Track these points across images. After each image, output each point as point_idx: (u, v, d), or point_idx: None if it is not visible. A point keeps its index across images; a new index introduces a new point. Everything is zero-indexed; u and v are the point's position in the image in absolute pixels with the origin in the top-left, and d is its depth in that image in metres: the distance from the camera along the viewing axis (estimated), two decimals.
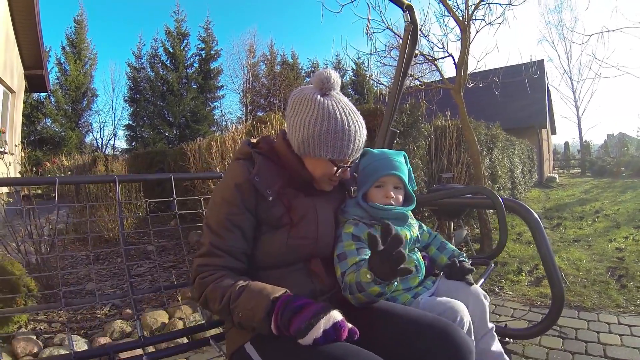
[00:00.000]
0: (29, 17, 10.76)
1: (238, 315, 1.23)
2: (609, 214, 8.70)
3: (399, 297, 1.67)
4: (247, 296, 1.23)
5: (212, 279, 1.32)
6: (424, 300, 1.63)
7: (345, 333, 1.15)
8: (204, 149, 6.68)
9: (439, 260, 1.90)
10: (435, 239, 1.98)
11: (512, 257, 5.30)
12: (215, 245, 1.37)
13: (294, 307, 1.16)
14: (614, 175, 22.30)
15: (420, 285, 1.74)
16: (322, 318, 1.14)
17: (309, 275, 1.48)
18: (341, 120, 1.41)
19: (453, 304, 1.53)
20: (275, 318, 1.17)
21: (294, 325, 1.13)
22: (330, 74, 1.46)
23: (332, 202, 1.66)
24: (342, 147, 1.42)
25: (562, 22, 33.46)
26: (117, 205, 2.08)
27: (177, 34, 31.66)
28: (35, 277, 3.30)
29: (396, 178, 1.71)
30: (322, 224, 1.53)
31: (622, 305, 3.47)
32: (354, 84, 37.62)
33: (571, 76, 33.00)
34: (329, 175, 1.50)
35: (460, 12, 5.54)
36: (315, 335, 1.12)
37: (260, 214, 1.43)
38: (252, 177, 1.41)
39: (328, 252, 1.55)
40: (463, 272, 1.73)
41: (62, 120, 28.22)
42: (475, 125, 7.11)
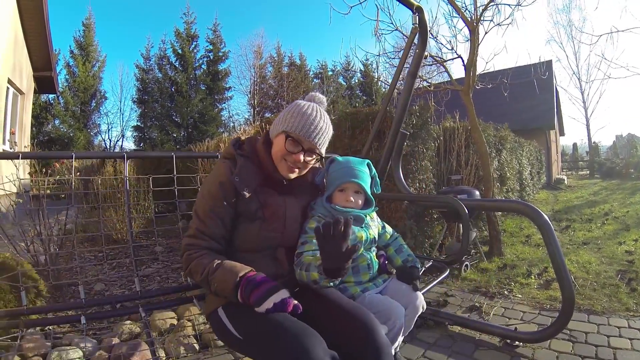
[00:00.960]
0: (38, 20, 10.83)
1: (214, 285, 1.59)
2: (618, 216, 8.63)
3: (350, 288, 1.95)
4: (221, 272, 1.58)
5: (195, 256, 1.67)
6: (370, 296, 1.90)
7: (290, 307, 1.51)
8: (212, 150, 6.69)
9: (394, 261, 2.16)
10: (395, 241, 2.22)
11: (521, 259, 5.27)
12: (200, 230, 1.72)
13: (254, 283, 1.53)
14: (623, 176, 22.16)
15: (370, 282, 2.00)
16: (273, 294, 1.51)
17: (274, 261, 1.81)
18: (305, 106, 1.79)
19: (392, 306, 1.81)
20: (240, 291, 1.53)
21: (253, 297, 1.51)
22: (318, 94, 1.90)
23: (301, 200, 1.95)
24: (295, 122, 1.75)
25: (570, 22, 33.41)
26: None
27: (187, 36, 31.79)
28: (44, 276, 3.31)
29: (356, 185, 1.99)
30: (289, 221, 1.84)
31: (632, 309, 3.44)
32: (362, 86, 37.65)
33: (580, 77, 32.86)
34: (282, 152, 1.76)
35: (468, 13, 5.52)
36: (267, 306, 1.49)
37: (239, 207, 1.75)
38: (233, 178, 1.72)
39: (292, 243, 1.87)
40: (411, 277, 1.99)
41: (70, 121, 28.41)
42: (484, 126, 7.08)
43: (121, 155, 2.35)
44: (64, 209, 2.17)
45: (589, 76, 32.89)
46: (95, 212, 5.40)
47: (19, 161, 2.31)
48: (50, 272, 2.82)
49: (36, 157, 3.97)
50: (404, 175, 3.75)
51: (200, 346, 2.95)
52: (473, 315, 3.55)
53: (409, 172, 4.93)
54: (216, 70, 32.73)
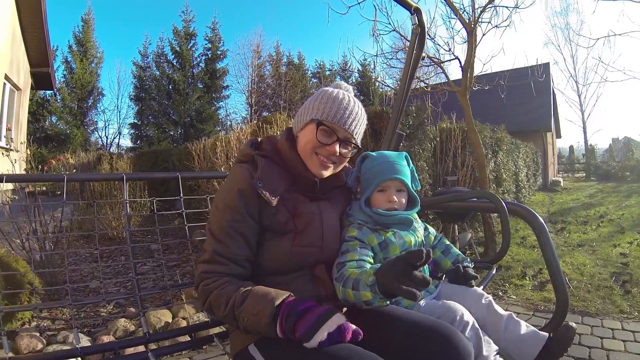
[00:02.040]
0: (35, 15, 10.82)
1: (243, 320, 1.24)
2: (613, 218, 8.67)
3: (402, 300, 1.63)
4: (251, 301, 1.24)
5: (215, 286, 1.32)
6: (425, 304, 1.63)
7: (349, 335, 1.16)
8: (208, 149, 6.69)
9: (442, 264, 1.89)
10: (440, 242, 1.95)
11: (516, 261, 5.29)
12: (218, 252, 1.37)
13: (298, 311, 1.18)
14: (619, 179, 22.25)
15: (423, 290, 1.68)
16: (326, 321, 1.16)
17: (313, 281, 1.46)
18: (335, 91, 1.52)
19: (451, 305, 1.54)
20: (280, 323, 1.18)
21: (299, 330, 1.15)
22: (343, 82, 1.63)
23: (337, 206, 1.63)
24: (327, 108, 1.46)
25: (568, 25, 33.26)
26: (124, 203, 2.08)
27: (185, 34, 31.73)
28: (39, 274, 3.31)
29: (398, 181, 1.68)
30: (327, 231, 1.50)
31: (626, 311, 3.46)
32: (360, 86, 37.60)
33: (577, 80, 32.87)
34: (312, 144, 1.47)
35: (466, 14, 5.53)
36: (320, 339, 1.13)
37: (264, 220, 1.42)
38: (255, 182, 1.39)
39: (332, 258, 1.52)
40: (467, 277, 1.74)
41: (67, 118, 28.33)
42: (481, 128, 7.10)
43: (119, 177, 2.05)
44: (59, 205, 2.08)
45: (586, 79, 32.81)
46: (90, 209, 5.40)
47: (15, 158, 2.29)
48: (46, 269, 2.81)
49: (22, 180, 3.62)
50: None
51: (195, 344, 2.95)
52: None
53: None
54: (214, 68, 32.67)
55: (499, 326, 1.59)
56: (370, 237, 1.58)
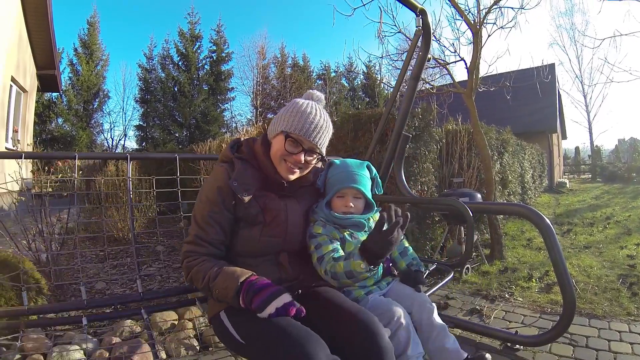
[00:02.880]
0: (41, 18, 10.87)
1: (215, 292, 1.57)
2: (620, 220, 8.62)
3: (354, 291, 1.93)
4: (222, 278, 1.56)
5: (195, 263, 1.66)
6: (372, 298, 1.88)
7: (293, 311, 1.48)
8: (214, 151, 6.71)
9: (398, 264, 2.11)
10: (400, 244, 2.12)
11: (523, 263, 5.26)
12: (199, 236, 1.69)
13: (255, 288, 1.51)
14: (625, 180, 22.12)
15: (374, 285, 1.98)
16: (275, 298, 1.49)
17: (277, 266, 1.78)
18: (303, 105, 1.75)
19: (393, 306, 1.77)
20: (242, 296, 1.51)
21: (254, 303, 1.48)
22: (316, 92, 1.86)
23: (303, 203, 1.92)
24: (294, 121, 1.70)
25: (573, 25, 33.35)
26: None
27: (190, 36, 31.87)
28: (45, 275, 3.32)
29: (355, 190, 1.94)
30: (290, 225, 1.80)
31: (633, 313, 3.43)
32: (365, 87, 37.65)
33: (582, 80, 32.81)
34: (282, 152, 1.72)
35: (472, 16, 5.52)
36: (269, 311, 1.47)
37: (238, 212, 1.73)
38: (231, 182, 1.69)
39: (295, 247, 1.84)
40: (415, 281, 1.98)
41: (73, 120, 28.53)
42: (486, 129, 7.08)
43: (124, 156, 2.35)
44: (66, 207, 2.16)
45: (592, 80, 32.96)
46: (97, 210, 5.42)
47: (22, 159, 2.32)
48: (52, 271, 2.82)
49: (39, 157, 4.01)
50: (406, 177, 3.75)
51: (201, 346, 2.95)
52: (474, 318, 3.55)
53: (411, 175, 4.93)
54: (219, 70, 32.76)
55: (431, 334, 1.83)
56: (333, 232, 1.87)
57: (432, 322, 1.84)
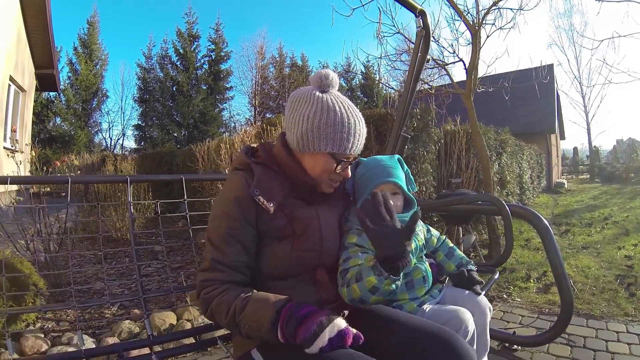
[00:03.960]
0: (40, 17, 10.85)
1: (245, 327, 1.24)
2: (618, 220, 8.63)
3: (405, 305, 1.65)
4: (251, 308, 1.24)
5: (216, 294, 1.33)
6: (429, 309, 1.63)
7: (349, 340, 1.17)
8: (212, 151, 6.71)
9: (446, 267, 1.89)
10: (443, 245, 1.95)
11: (521, 263, 5.27)
12: (218, 260, 1.37)
13: (298, 316, 1.18)
14: (623, 181, 22.15)
15: (426, 294, 1.72)
16: (326, 327, 1.16)
17: (314, 285, 1.47)
18: (340, 113, 1.41)
19: (459, 312, 1.54)
20: (281, 328, 1.18)
21: (300, 336, 1.15)
22: (329, 73, 1.47)
23: (335, 209, 1.62)
24: (342, 139, 1.40)
25: (572, 26, 33.44)
26: (127, 205, 2.11)
27: (188, 36, 31.85)
28: (43, 276, 3.32)
29: (392, 185, 1.68)
30: (325, 235, 1.50)
31: (631, 313, 3.44)
32: (364, 88, 37.63)
33: (581, 81, 32.82)
34: (329, 172, 1.46)
35: (470, 16, 5.53)
36: (321, 344, 1.14)
37: (262, 226, 1.42)
38: (252, 191, 1.39)
39: (332, 261, 1.53)
40: (472, 282, 1.75)
41: (71, 119, 28.49)
42: (485, 130, 7.09)
43: (124, 179, 2.10)
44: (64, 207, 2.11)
45: (590, 81, 32.79)
46: (95, 210, 5.41)
47: (20, 159, 2.29)
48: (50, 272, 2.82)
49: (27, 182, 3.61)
50: None
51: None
52: None
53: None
54: (218, 70, 32.75)
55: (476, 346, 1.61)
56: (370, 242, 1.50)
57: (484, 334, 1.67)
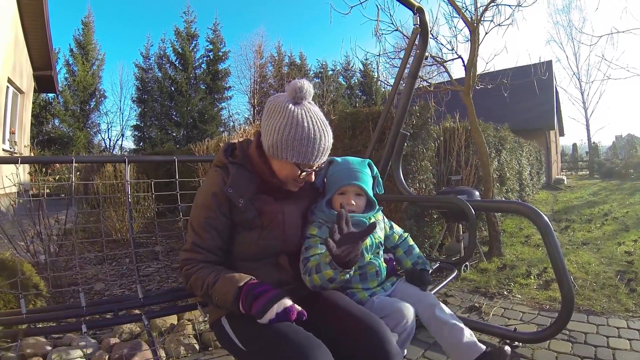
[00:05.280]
0: (38, 19, 10.85)
1: (215, 299, 1.53)
2: (617, 216, 8.64)
3: (357, 294, 1.87)
4: (220, 283, 1.52)
5: (194, 271, 1.61)
6: (378, 300, 1.83)
7: (293, 315, 1.44)
8: (212, 150, 6.71)
9: (403, 263, 2.09)
10: (404, 242, 2.14)
11: (521, 260, 5.27)
12: (196, 243, 1.65)
13: (254, 293, 1.46)
14: (623, 177, 22.12)
15: (379, 286, 1.93)
16: (275, 303, 1.44)
17: (277, 268, 1.74)
18: (307, 128, 1.58)
19: (402, 307, 1.74)
20: (241, 302, 1.46)
21: (254, 308, 1.43)
22: (303, 84, 1.61)
23: (301, 204, 1.87)
24: (306, 152, 1.59)
25: (570, 22, 33.38)
26: (125, 185, 2.29)
27: (187, 35, 31.80)
28: (44, 277, 3.31)
29: (356, 187, 1.88)
30: (288, 227, 1.75)
31: (631, 309, 3.44)
32: (362, 85, 37.65)
33: (579, 77, 32.84)
34: (293, 177, 1.68)
35: (469, 13, 5.52)
36: (270, 317, 1.42)
37: (234, 217, 1.68)
38: (227, 189, 1.64)
39: (294, 249, 1.79)
40: (422, 280, 1.95)
41: (70, 121, 28.49)
42: (484, 127, 7.08)
43: (122, 159, 2.31)
44: (64, 209, 2.14)
45: (589, 77, 32.89)
46: (95, 211, 5.41)
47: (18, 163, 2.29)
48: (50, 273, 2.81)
49: (36, 161, 3.97)
50: (404, 175, 3.75)
51: (201, 346, 2.95)
52: (473, 315, 3.56)
53: (409, 173, 4.93)
54: (216, 69, 32.70)
55: (442, 331, 1.81)
56: None
57: (440, 318, 1.80)
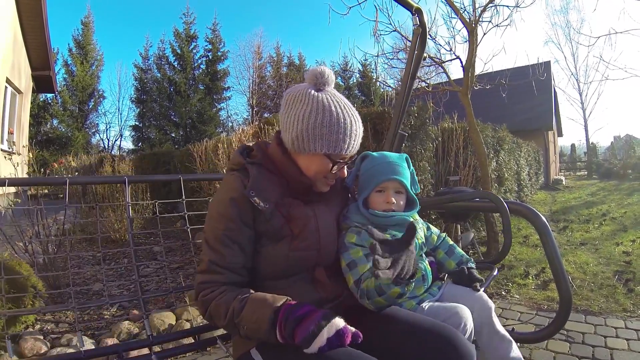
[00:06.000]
0: (36, 19, 10.83)
1: (244, 328, 1.23)
2: (615, 217, 8.66)
3: (404, 303, 1.62)
4: (249, 309, 1.23)
5: (213, 296, 1.31)
6: (428, 307, 1.61)
7: (348, 339, 1.14)
8: (210, 150, 6.71)
9: (446, 265, 1.87)
10: (444, 243, 1.92)
11: (519, 260, 5.28)
12: (215, 262, 1.35)
13: (296, 316, 1.16)
14: (621, 177, 22.16)
15: (425, 292, 1.71)
16: (324, 327, 1.14)
17: (313, 284, 1.46)
18: (336, 112, 1.38)
19: (458, 309, 1.53)
20: (279, 329, 1.17)
21: (298, 336, 1.13)
22: (324, 70, 1.44)
23: (333, 208, 1.61)
24: (337, 140, 1.38)
25: (568, 23, 33.23)
26: (126, 206, 2.11)
27: (186, 36, 31.77)
28: (42, 277, 3.32)
29: (397, 182, 1.67)
30: (323, 234, 1.49)
31: (629, 309, 3.45)
32: (361, 86, 37.65)
33: (578, 78, 32.81)
34: (324, 173, 1.44)
35: (467, 14, 5.53)
36: (320, 344, 1.12)
37: (259, 227, 1.40)
38: (248, 192, 1.37)
39: (331, 260, 1.53)
40: (471, 279, 1.73)
41: (68, 121, 28.46)
42: (482, 127, 7.09)
43: (121, 179, 2.09)
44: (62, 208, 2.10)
45: (587, 77, 32.73)
46: (93, 211, 5.40)
47: (17, 161, 2.28)
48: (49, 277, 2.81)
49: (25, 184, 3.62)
50: None
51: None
52: None
53: None
54: (215, 70, 32.67)
55: (492, 341, 1.61)
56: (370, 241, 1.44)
57: (495, 327, 1.63)
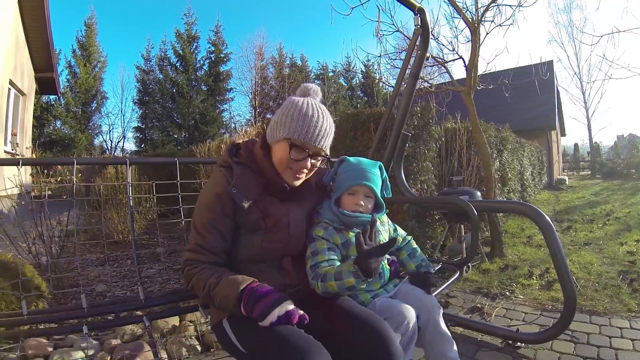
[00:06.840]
0: (39, 20, 10.85)
1: (217, 300, 1.53)
2: (619, 216, 8.62)
3: (360, 295, 1.85)
4: (222, 286, 1.51)
5: (196, 272, 1.61)
6: (380, 301, 1.82)
7: (295, 319, 1.43)
8: (213, 151, 6.72)
9: (407, 266, 2.08)
10: (407, 245, 2.13)
11: (523, 260, 5.26)
12: (199, 244, 1.64)
13: (256, 296, 1.45)
14: (624, 177, 22.14)
15: (381, 288, 1.92)
16: (277, 306, 1.43)
17: (280, 270, 1.72)
18: (304, 107, 1.66)
19: (404, 310, 1.73)
20: (243, 304, 1.45)
21: (256, 311, 1.43)
22: (311, 85, 1.77)
23: (305, 206, 1.86)
24: (297, 127, 1.63)
25: (571, 22, 33.21)
26: (126, 187, 2.28)
27: (188, 37, 31.79)
28: (46, 279, 3.32)
29: (367, 188, 1.88)
30: (293, 229, 1.74)
31: (634, 309, 3.43)
32: (364, 86, 37.68)
33: (581, 77, 32.73)
34: (286, 159, 1.66)
35: (470, 14, 5.52)
36: (271, 320, 1.41)
37: (238, 219, 1.67)
38: (230, 189, 1.64)
39: (298, 251, 1.78)
40: (426, 282, 1.93)
41: (71, 123, 28.52)
42: (485, 127, 7.07)
43: (123, 161, 2.31)
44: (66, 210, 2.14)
45: (590, 76, 32.77)
46: (96, 212, 5.41)
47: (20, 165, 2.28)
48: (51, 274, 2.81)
49: (37, 163, 4.03)
50: (406, 176, 3.75)
51: (203, 348, 2.95)
52: (475, 316, 3.55)
53: (411, 173, 4.92)
54: (217, 71, 32.70)
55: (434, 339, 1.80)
56: (335, 237, 1.81)
57: (438, 328, 1.81)
